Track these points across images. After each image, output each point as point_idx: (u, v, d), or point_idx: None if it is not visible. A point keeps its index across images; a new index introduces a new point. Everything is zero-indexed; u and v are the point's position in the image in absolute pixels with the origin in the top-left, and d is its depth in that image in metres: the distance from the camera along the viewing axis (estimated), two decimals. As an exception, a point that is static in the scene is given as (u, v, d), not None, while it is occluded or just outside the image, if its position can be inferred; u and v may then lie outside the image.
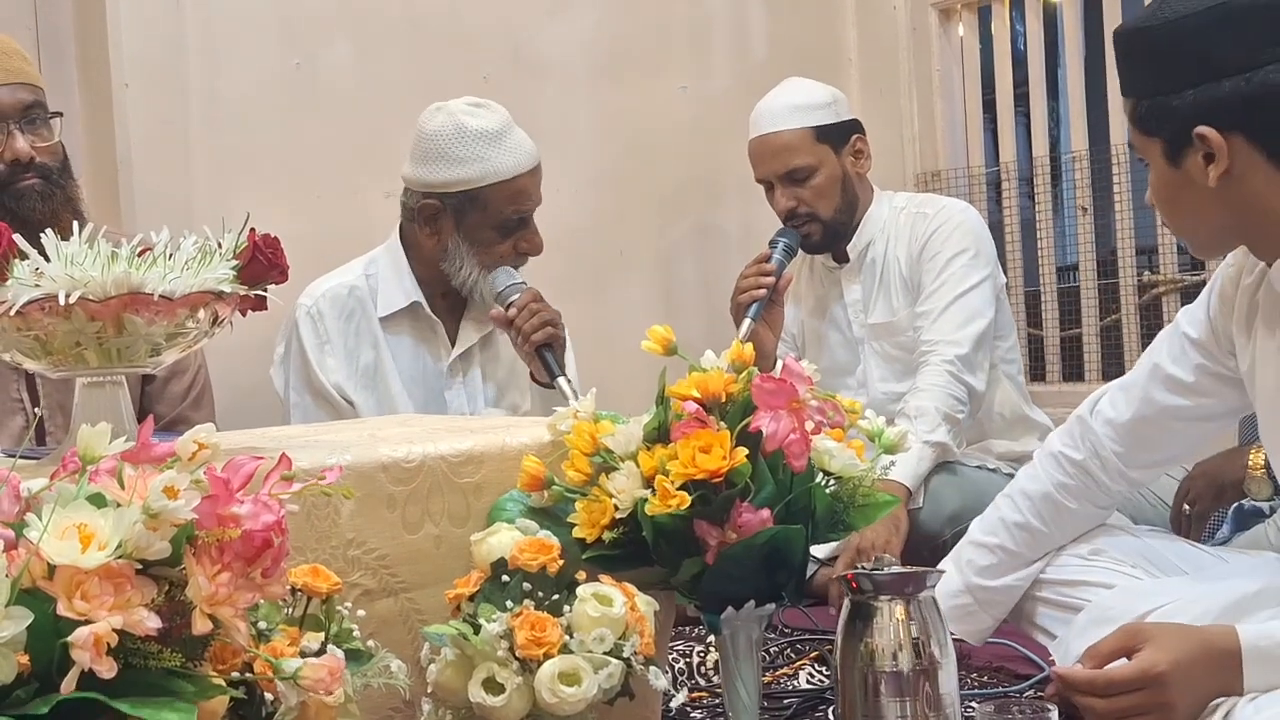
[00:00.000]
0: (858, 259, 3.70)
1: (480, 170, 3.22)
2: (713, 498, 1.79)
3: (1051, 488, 2.33)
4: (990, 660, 2.70)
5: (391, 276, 3.33)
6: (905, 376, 3.59)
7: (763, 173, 3.68)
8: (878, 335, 3.69)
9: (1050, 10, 4.45)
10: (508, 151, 3.23)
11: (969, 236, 3.59)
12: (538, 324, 3.16)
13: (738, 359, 1.91)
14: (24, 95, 2.80)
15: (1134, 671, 1.89)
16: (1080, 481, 2.33)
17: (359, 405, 3.26)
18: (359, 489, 1.75)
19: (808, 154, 3.62)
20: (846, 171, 3.65)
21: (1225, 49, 1.92)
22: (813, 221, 3.62)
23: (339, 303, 3.30)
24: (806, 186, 3.61)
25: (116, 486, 1.29)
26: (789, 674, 2.67)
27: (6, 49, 2.82)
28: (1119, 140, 4.06)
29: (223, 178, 3.59)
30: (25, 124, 2.79)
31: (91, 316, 1.66)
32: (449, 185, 3.23)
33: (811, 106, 3.65)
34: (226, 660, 1.34)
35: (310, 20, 3.74)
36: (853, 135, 3.68)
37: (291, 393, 3.29)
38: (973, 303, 3.53)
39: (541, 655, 1.69)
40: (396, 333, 3.34)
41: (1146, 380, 2.30)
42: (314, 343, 3.26)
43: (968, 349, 3.46)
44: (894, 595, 1.86)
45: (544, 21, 4.09)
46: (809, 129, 3.63)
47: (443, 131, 3.23)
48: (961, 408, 3.43)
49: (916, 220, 3.66)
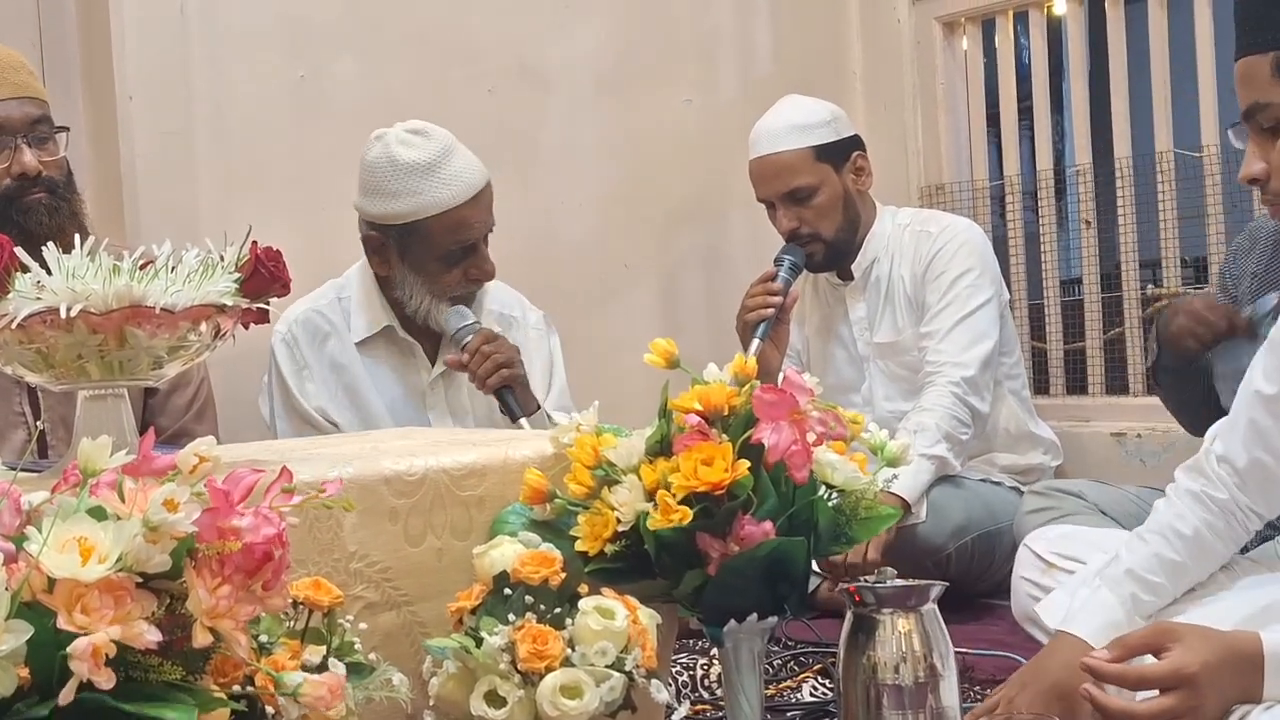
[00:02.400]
0: (862, 277, 3.70)
1: (414, 204, 3.16)
2: (715, 510, 1.79)
3: (1203, 527, 2.23)
4: (993, 673, 2.70)
5: (363, 300, 3.31)
6: (910, 395, 3.59)
7: (764, 193, 3.67)
8: (883, 354, 3.69)
9: (1054, 24, 4.45)
10: (442, 184, 3.16)
11: (974, 256, 3.59)
12: (491, 368, 3.13)
13: (740, 372, 1.91)
14: (31, 109, 2.80)
15: (1166, 670, 1.87)
16: (1226, 522, 2.27)
17: (343, 426, 3.25)
18: (361, 502, 1.75)
19: (808, 174, 3.60)
20: (848, 189, 3.64)
21: None
22: (815, 241, 3.62)
23: (311, 327, 3.29)
24: (808, 206, 3.60)
25: (117, 499, 1.29)
26: (792, 687, 2.67)
27: (13, 63, 2.82)
28: (1123, 154, 4.06)
29: (227, 190, 3.59)
30: (33, 139, 2.79)
31: (93, 329, 1.66)
32: (386, 218, 3.19)
33: (811, 125, 3.64)
34: (228, 673, 1.34)
35: (315, 32, 3.74)
36: (853, 152, 3.67)
37: (278, 420, 3.28)
38: (978, 324, 3.54)
39: (543, 668, 1.69)
40: (373, 355, 3.32)
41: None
42: (291, 369, 3.26)
43: (974, 371, 3.47)
44: (896, 608, 1.86)
45: (549, 35, 4.09)
46: (809, 148, 3.62)
47: (377, 163, 3.19)
48: (965, 429, 3.43)
49: (921, 239, 3.65)
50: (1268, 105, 1.95)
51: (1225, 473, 2.22)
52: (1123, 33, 4.05)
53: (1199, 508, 2.23)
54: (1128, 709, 1.88)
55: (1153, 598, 2.20)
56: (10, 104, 2.77)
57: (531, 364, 3.36)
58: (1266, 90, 1.95)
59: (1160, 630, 1.95)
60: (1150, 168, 3.98)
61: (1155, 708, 1.87)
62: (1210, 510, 2.23)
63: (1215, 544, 2.24)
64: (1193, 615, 2.13)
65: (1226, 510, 2.22)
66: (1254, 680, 1.89)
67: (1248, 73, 1.98)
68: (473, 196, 3.20)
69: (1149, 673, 1.89)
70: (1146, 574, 2.19)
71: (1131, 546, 2.25)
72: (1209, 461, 2.24)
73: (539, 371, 3.40)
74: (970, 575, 3.37)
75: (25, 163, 2.75)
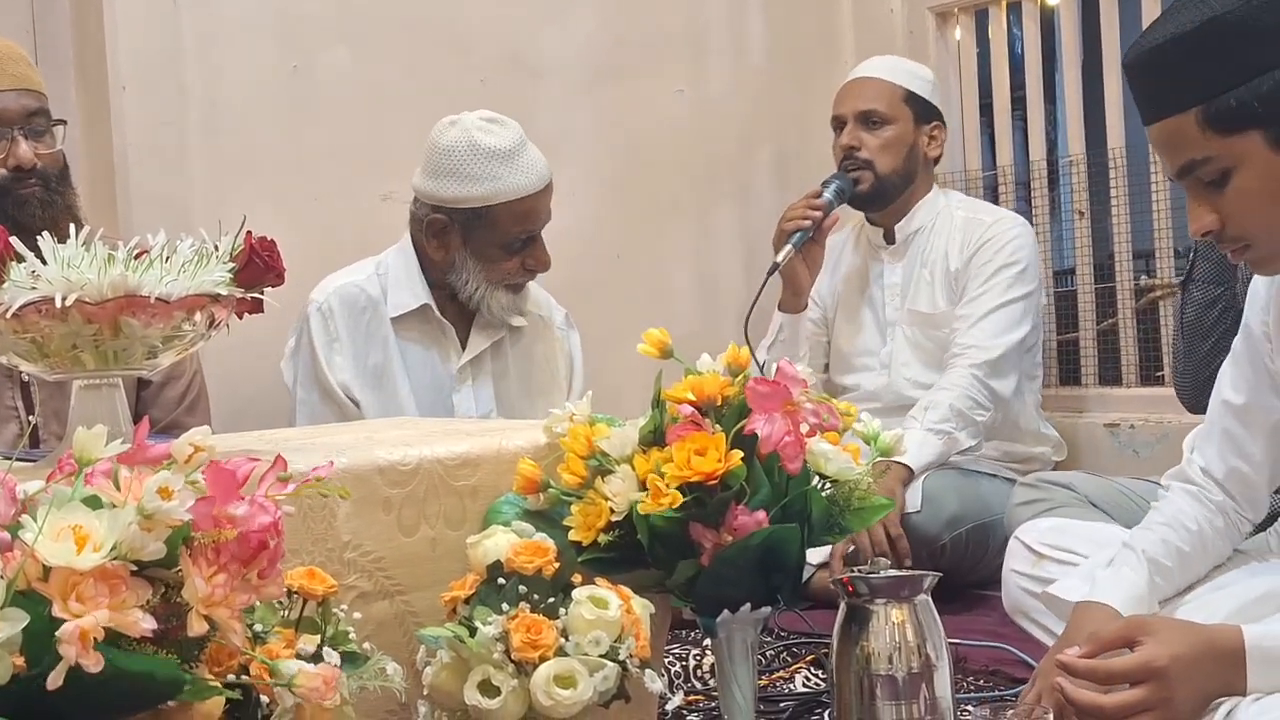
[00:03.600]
0: (904, 242, 3.76)
1: (490, 189, 3.18)
2: (708, 500, 1.80)
3: (1204, 524, 2.25)
4: (986, 664, 2.71)
5: (402, 278, 3.32)
6: (930, 366, 3.65)
7: (841, 110, 3.78)
8: (914, 322, 3.74)
9: (1047, 14, 4.45)
10: (519, 171, 3.20)
11: (1020, 251, 3.68)
12: None
13: (733, 362, 1.91)
14: (29, 101, 2.78)
15: (1134, 664, 1.87)
16: (1225, 521, 2.27)
17: (365, 405, 3.25)
18: (355, 491, 1.74)
19: (889, 105, 3.73)
20: (916, 144, 3.74)
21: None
22: (867, 169, 3.68)
23: (350, 300, 3.29)
24: (875, 134, 3.71)
25: (112, 488, 1.30)
26: (785, 677, 2.68)
27: (12, 55, 2.81)
28: (1116, 144, 4.06)
29: (220, 180, 3.59)
30: (29, 131, 2.77)
31: (88, 319, 1.66)
32: (458, 201, 3.21)
33: (912, 73, 3.80)
34: (222, 662, 1.34)
35: (308, 23, 3.74)
36: (935, 120, 3.78)
37: (299, 389, 3.29)
38: (1012, 314, 3.61)
39: (537, 658, 1.69)
40: (406, 334, 3.33)
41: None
42: (323, 340, 3.26)
43: (997, 354, 3.54)
44: (890, 599, 1.87)
45: (542, 25, 4.09)
46: (903, 88, 3.76)
47: (455, 147, 3.20)
48: (981, 411, 3.47)
49: (971, 225, 3.72)
50: (1206, 160, 1.93)
51: (1210, 482, 2.25)
52: (1116, 22, 4.05)
53: (1199, 506, 2.25)
54: (1095, 701, 1.87)
55: (1164, 582, 2.21)
56: (7, 95, 2.75)
57: (556, 363, 3.43)
58: (1200, 146, 1.92)
59: (1134, 624, 1.95)
60: (1144, 158, 3.97)
61: (1122, 701, 1.86)
62: (1208, 508, 2.25)
63: (1216, 541, 2.27)
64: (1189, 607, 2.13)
65: (1223, 510, 2.25)
66: (1236, 674, 1.89)
67: (1171, 134, 1.94)
68: (544, 187, 3.25)
69: (1116, 667, 1.89)
70: (1161, 558, 2.21)
71: (1136, 535, 2.26)
72: (1194, 471, 2.27)
73: (562, 370, 3.46)
74: (964, 566, 3.38)
75: (20, 155, 2.73)
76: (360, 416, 3.19)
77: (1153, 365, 4.04)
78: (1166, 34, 1.94)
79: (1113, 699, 1.87)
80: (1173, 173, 2.00)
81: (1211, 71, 1.90)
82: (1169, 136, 1.96)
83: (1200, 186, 1.96)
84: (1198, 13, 1.90)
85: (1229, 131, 1.91)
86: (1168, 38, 1.93)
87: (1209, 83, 1.91)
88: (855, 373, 3.84)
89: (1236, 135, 1.91)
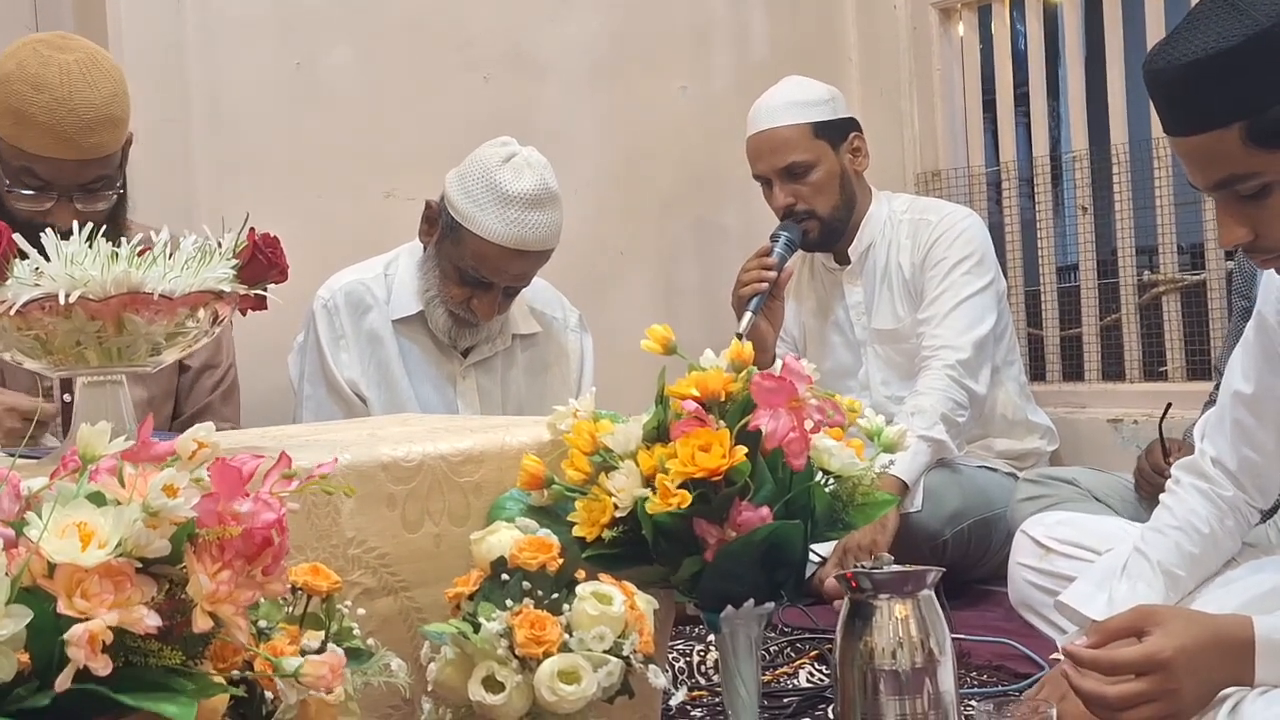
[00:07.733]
0: (859, 261, 3.71)
1: (472, 213, 3.14)
2: (712, 496, 1.80)
3: (1215, 524, 2.25)
4: (990, 659, 2.71)
5: (408, 279, 3.31)
6: (907, 380, 3.61)
7: (761, 168, 3.68)
8: (881, 340, 3.71)
9: (1051, 10, 4.45)
10: (503, 219, 3.12)
11: (972, 243, 3.62)
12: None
13: (737, 358, 1.91)
14: (94, 170, 2.68)
15: (1139, 655, 1.87)
16: (1235, 519, 2.27)
17: (371, 402, 3.26)
18: (359, 488, 1.75)
19: (805, 149, 3.62)
20: (844, 168, 3.66)
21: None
22: (811, 218, 3.64)
23: (355, 298, 3.29)
24: (804, 182, 3.62)
25: (117, 485, 1.30)
26: (789, 673, 2.68)
27: (100, 120, 2.64)
28: (1119, 140, 4.06)
29: (223, 178, 3.60)
30: (83, 194, 2.69)
31: (91, 316, 1.66)
32: (452, 205, 3.19)
33: (809, 103, 3.66)
34: (227, 658, 1.34)
35: (311, 21, 3.74)
36: (850, 133, 3.69)
37: (305, 384, 3.30)
38: (975, 309, 3.56)
39: (541, 654, 1.69)
40: (410, 336, 3.32)
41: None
42: (330, 336, 3.27)
43: (969, 354, 3.49)
44: (893, 594, 1.87)
45: (544, 22, 4.09)
46: (807, 124, 3.64)
47: (483, 162, 3.18)
48: (962, 411, 3.44)
49: (919, 227, 3.67)
50: (1248, 175, 1.89)
51: (1221, 474, 2.24)
52: (1119, 18, 4.05)
53: (1210, 505, 2.25)
54: (1099, 691, 1.87)
55: (1176, 595, 2.22)
56: (69, 165, 2.65)
57: (568, 365, 3.43)
58: (1242, 161, 1.86)
59: (1142, 614, 1.95)
60: (1147, 154, 3.97)
61: (1126, 691, 1.86)
62: (1219, 508, 2.25)
63: (1225, 540, 2.27)
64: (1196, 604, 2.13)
65: (1234, 506, 2.26)
66: (1244, 665, 1.89)
67: (1210, 149, 1.87)
68: (517, 250, 3.16)
69: (1121, 657, 1.89)
70: (1175, 568, 2.22)
71: (1149, 540, 2.25)
72: (1205, 463, 2.26)
73: (574, 372, 3.45)
74: (966, 561, 3.38)
75: (61, 219, 2.43)
76: (367, 412, 3.20)
77: (1155, 361, 4.04)
78: (1207, 47, 1.86)
79: (1116, 689, 1.87)
80: (1207, 185, 1.94)
81: (1258, 86, 1.84)
82: (1206, 151, 1.90)
83: (1236, 199, 1.91)
84: (1240, 26, 1.84)
85: (1275, 147, 1.85)
86: (1209, 51, 1.86)
87: (1255, 98, 1.84)
88: None
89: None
